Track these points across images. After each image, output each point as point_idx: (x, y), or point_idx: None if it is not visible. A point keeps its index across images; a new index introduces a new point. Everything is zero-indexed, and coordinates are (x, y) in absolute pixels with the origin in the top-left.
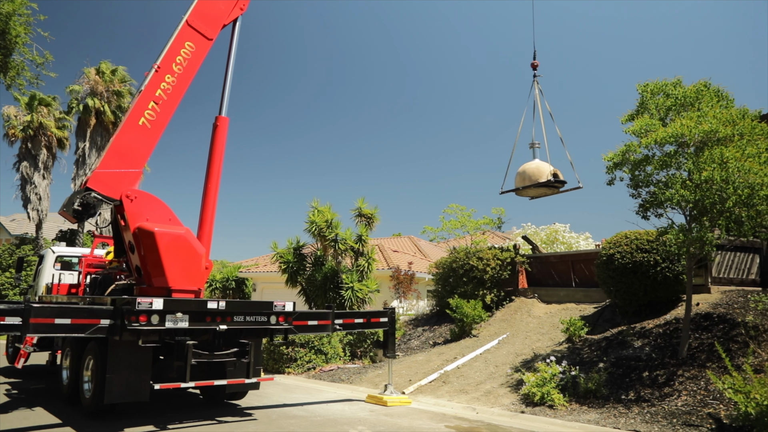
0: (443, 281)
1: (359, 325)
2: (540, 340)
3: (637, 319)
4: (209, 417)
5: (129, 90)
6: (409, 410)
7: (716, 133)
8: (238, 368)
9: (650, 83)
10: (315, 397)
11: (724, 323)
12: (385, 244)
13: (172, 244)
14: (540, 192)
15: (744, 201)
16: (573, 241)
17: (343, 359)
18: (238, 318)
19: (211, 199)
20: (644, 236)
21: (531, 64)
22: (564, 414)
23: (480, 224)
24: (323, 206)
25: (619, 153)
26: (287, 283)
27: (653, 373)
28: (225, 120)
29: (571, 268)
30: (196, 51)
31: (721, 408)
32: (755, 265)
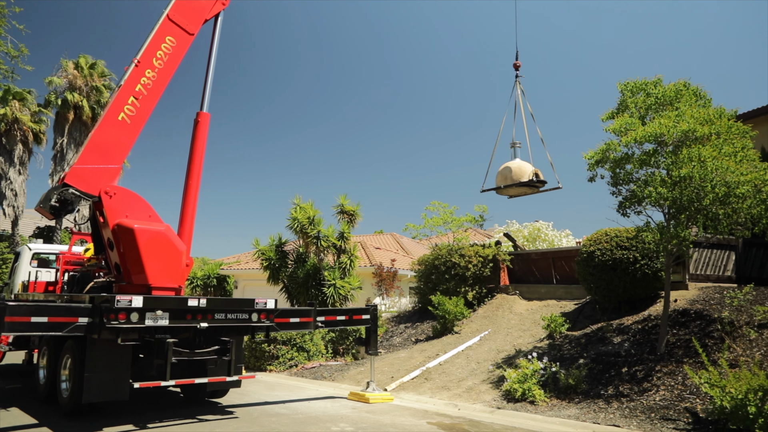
0: (425, 278)
1: (341, 323)
2: (521, 337)
3: (616, 315)
4: (190, 415)
5: (108, 85)
6: (391, 407)
7: (694, 132)
8: (219, 366)
9: (630, 82)
10: (297, 395)
11: (700, 319)
12: (367, 241)
13: (152, 241)
14: (520, 191)
15: (720, 199)
16: (555, 238)
17: (326, 356)
18: (219, 315)
19: (192, 195)
20: (624, 234)
21: (513, 64)
22: (545, 409)
23: (462, 221)
24: (305, 203)
25: (600, 151)
26: (269, 281)
27: (632, 369)
28: (206, 116)
29: (552, 265)
30: (177, 46)
31: (697, 402)
32: (731, 262)
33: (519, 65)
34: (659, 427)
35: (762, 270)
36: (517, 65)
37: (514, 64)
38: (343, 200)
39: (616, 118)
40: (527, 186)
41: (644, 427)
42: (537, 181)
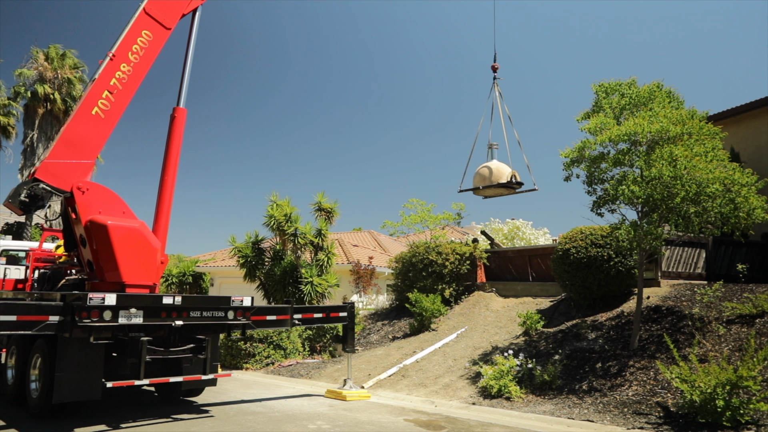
0: (403, 276)
1: (318, 320)
2: (498, 334)
3: (591, 312)
4: (164, 415)
5: (81, 77)
6: (368, 404)
7: (667, 132)
8: (195, 364)
9: (605, 83)
10: (273, 393)
11: (672, 315)
12: (345, 239)
13: (126, 237)
14: (497, 192)
15: (692, 198)
16: (533, 237)
17: (302, 354)
18: (195, 313)
19: (167, 191)
20: (598, 232)
21: (491, 66)
22: (520, 405)
23: (440, 219)
24: (282, 200)
25: (576, 150)
26: (246, 278)
27: (606, 365)
28: (183, 111)
29: (528, 263)
30: (153, 40)
31: (668, 396)
32: (702, 259)
33: (497, 67)
34: (632, 422)
35: (730, 267)
36: (495, 67)
37: (492, 66)
38: (320, 197)
39: (592, 118)
40: (505, 187)
41: (617, 422)
42: (514, 183)
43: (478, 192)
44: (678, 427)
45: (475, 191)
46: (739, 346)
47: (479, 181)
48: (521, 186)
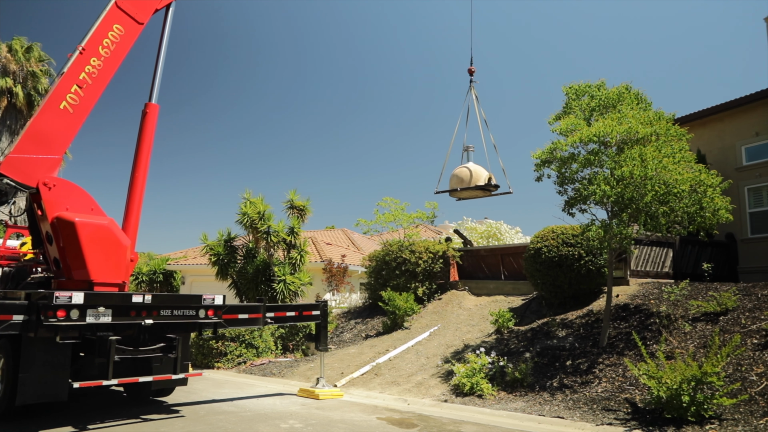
0: (376, 274)
1: (291, 319)
2: (470, 332)
3: (562, 310)
4: (134, 415)
5: (47, 71)
6: (341, 403)
7: (636, 132)
8: (165, 364)
9: (575, 85)
10: (245, 392)
11: (640, 313)
12: (318, 237)
13: (95, 234)
14: (473, 194)
15: (660, 198)
16: (507, 236)
17: (275, 353)
18: (165, 312)
19: (138, 188)
20: (569, 231)
21: (468, 69)
22: (492, 403)
23: (413, 218)
24: (255, 198)
25: (547, 150)
26: (217, 276)
27: (576, 362)
28: (155, 107)
29: (501, 262)
30: (125, 35)
31: (636, 393)
32: (669, 258)
33: (473, 71)
34: (601, 418)
35: (696, 266)
36: (472, 71)
37: (469, 70)
38: (293, 195)
39: (562, 119)
40: (481, 189)
41: (587, 418)
42: (491, 186)
43: (455, 194)
44: (645, 422)
45: (452, 193)
46: (704, 342)
47: (457, 183)
48: (497, 189)
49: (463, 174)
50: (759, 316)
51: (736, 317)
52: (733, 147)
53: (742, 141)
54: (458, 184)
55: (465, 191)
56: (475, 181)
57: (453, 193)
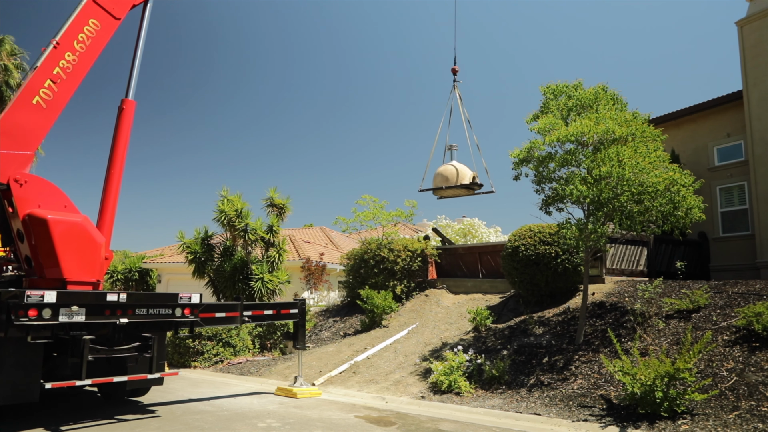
0: (355, 272)
1: (269, 317)
2: (448, 330)
3: (539, 308)
4: (108, 416)
5: (20, 65)
6: (319, 401)
7: (612, 133)
8: (140, 363)
9: (552, 85)
10: (222, 391)
11: (615, 311)
12: (296, 235)
13: (68, 232)
14: (457, 193)
15: (635, 197)
16: (485, 234)
17: (252, 351)
18: (141, 311)
19: (114, 185)
20: (547, 229)
21: (451, 69)
22: (470, 400)
23: (392, 216)
24: (233, 195)
25: (525, 150)
26: (194, 275)
27: (552, 359)
28: (132, 103)
29: (479, 260)
30: (101, 30)
31: (611, 389)
32: (643, 257)
33: (457, 70)
34: (576, 414)
35: (670, 264)
36: (455, 70)
37: (452, 69)
38: (272, 193)
39: (540, 119)
40: (466, 188)
41: (563, 414)
42: (475, 184)
43: (439, 192)
44: (620, 418)
45: (437, 191)
46: (677, 339)
47: (442, 181)
48: (481, 187)
49: (449, 172)
50: (729, 313)
51: (708, 314)
52: (706, 147)
53: (715, 142)
54: (443, 182)
55: (450, 190)
56: (461, 179)
57: (437, 192)
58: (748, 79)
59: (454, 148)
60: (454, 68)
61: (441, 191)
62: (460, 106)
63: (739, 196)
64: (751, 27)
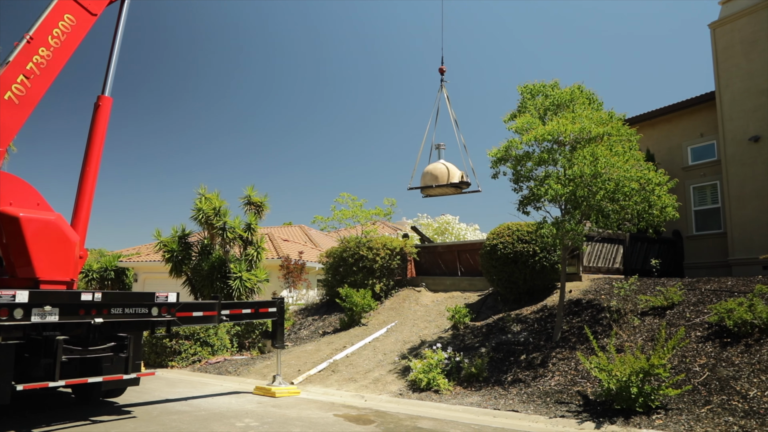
0: (334, 271)
1: (247, 316)
2: (427, 328)
3: (517, 306)
4: (82, 417)
5: None
6: (297, 400)
7: (589, 131)
8: (116, 363)
9: (530, 84)
10: (200, 391)
11: (592, 308)
12: (275, 233)
13: (41, 230)
14: (445, 191)
15: (610, 195)
16: (463, 232)
17: (231, 351)
18: (116, 310)
19: (89, 183)
20: (525, 228)
21: (439, 69)
22: (449, 398)
23: (371, 214)
24: (211, 193)
25: (503, 148)
26: (171, 273)
27: (530, 356)
28: (108, 100)
29: (458, 258)
30: (77, 25)
31: (588, 386)
32: (619, 255)
33: (444, 70)
34: (554, 410)
35: (645, 262)
36: (443, 70)
37: (440, 69)
38: (250, 191)
39: (518, 118)
40: (454, 187)
41: (540, 411)
42: (464, 183)
43: (428, 190)
44: (596, 414)
45: (427, 189)
46: (651, 336)
47: (431, 180)
48: (468, 186)
49: (440, 171)
50: (702, 309)
51: (682, 311)
52: (680, 147)
53: (688, 142)
54: (433, 181)
55: (439, 188)
56: (451, 178)
57: (426, 190)
58: (720, 81)
59: (442, 147)
60: (442, 68)
61: (430, 190)
62: (448, 105)
63: (711, 195)
64: (723, 30)
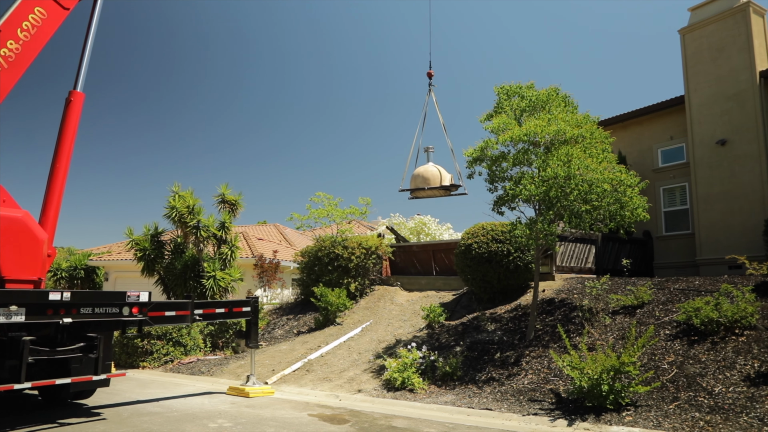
0: (309, 270)
1: (221, 315)
2: (402, 327)
3: (491, 305)
4: (49, 420)
5: None
6: (271, 400)
7: (564, 133)
8: (85, 364)
9: (506, 86)
10: (172, 392)
11: (564, 307)
12: (249, 232)
13: (7, 228)
14: (433, 194)
15: (583, 196)
16: (437, 232)
17: (204, 351)
18: (86, 310)
19: (59, 180)
20: (499, 228)
21: (427, 73)
22: (423, 397)
23: (346, 213)
24: (185, 191)
25: (479, 148)
26: (143, 273)
27: (504, 355)
28: (80, 96)
29: (432, 257)
30: (48, 19)
31: (560, 384)
32: (592, 255)
33: (432, 74)
34: (527, 408)
35: (616, 262)
36: (431, 74)
37: (428, 73)
38: (224, 189)
39: (494, 118)
40: (444, 189)
41: (514, 409)
42: (453, 186)
43: (420, 192)
44: (568, 411)
45: (418, 191)
46: (622, 334)
47: (422, 182)
48: (457, 189)
49: (431, 174)
50: (671, 308)
51: (651, 310)
52: (651, 149)
53: (659, 144)
54: (424, 183)
55: (430, 190)
56: (442, 181)
57: (417, 192)
58: (689, 85)
59: (431, 150)
60: (429, 72)
61: (421, 192)
62: (437, 109)
63: (681, 197)
64: (692, 36)
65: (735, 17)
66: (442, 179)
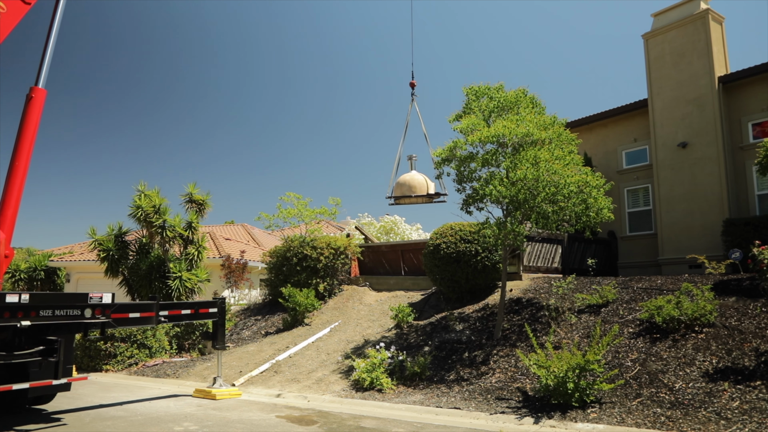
0: (277, 270)
1: (187, 317)
2: (371, 327)
3: (459, 304)
4: (6, 427)
5: None
6: (239, 402)
7: (532, 135)
8: (45, 369)
9: (475, 86)
10: (136, 395)
11: (531, 306)
12: (217, 232)
13: None
14: (416, 201)
15: (550, 198)
16: (406, 232)
17: (170, 353)
18: (45, 312)
19: (18, 178)
20: (467, 228)
21: (410, 83)
22: (392, 397)
23: (316, 213)
24: (151, 190)
25: (447, 149)
26: (107, 273)
27: (472, 354)
28: (42, 92)
29: (401, 258)
30: (7, 13)
31: (527, 382)
32: (558, 255)
33: (415, 84)
34: (494, 407)
35: (582, 262)
36: (413, 84)
37: (411, 83)
38: (191, 189)
39: (463, 119)
40: (428, 197)
41: (481, 408)
42: (437, 194)
43: (404, 200)
44: (535, 409)
45: (401, 198)
46: (588, 333)
47: (408, 190)
48: (440, 197)
49: (417, 182)
50: (634, 307)
51: (615, 308)
52: (615, 151)
53: (623, 146)
54: (409, 191)
55: (415, 198)
56: (428, 189)
57: (401, 199)
58: (652, 89)
59: (414, 159)
60: (412, 82)
61: (406, 199)
62: (420, 118)
63: (644, 198)
64: (655, 41)
65: (695, 24)
66: (428, 188)
